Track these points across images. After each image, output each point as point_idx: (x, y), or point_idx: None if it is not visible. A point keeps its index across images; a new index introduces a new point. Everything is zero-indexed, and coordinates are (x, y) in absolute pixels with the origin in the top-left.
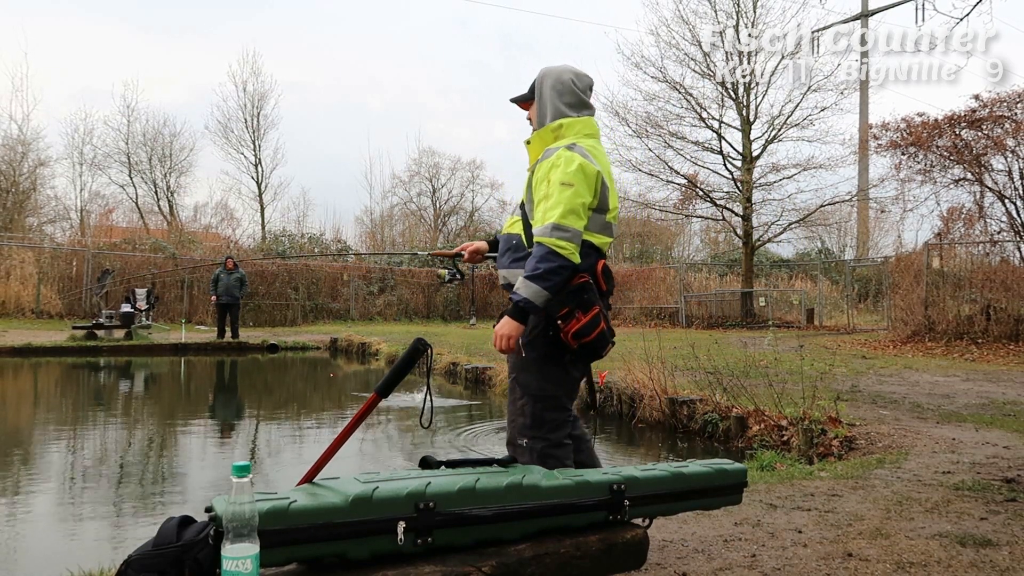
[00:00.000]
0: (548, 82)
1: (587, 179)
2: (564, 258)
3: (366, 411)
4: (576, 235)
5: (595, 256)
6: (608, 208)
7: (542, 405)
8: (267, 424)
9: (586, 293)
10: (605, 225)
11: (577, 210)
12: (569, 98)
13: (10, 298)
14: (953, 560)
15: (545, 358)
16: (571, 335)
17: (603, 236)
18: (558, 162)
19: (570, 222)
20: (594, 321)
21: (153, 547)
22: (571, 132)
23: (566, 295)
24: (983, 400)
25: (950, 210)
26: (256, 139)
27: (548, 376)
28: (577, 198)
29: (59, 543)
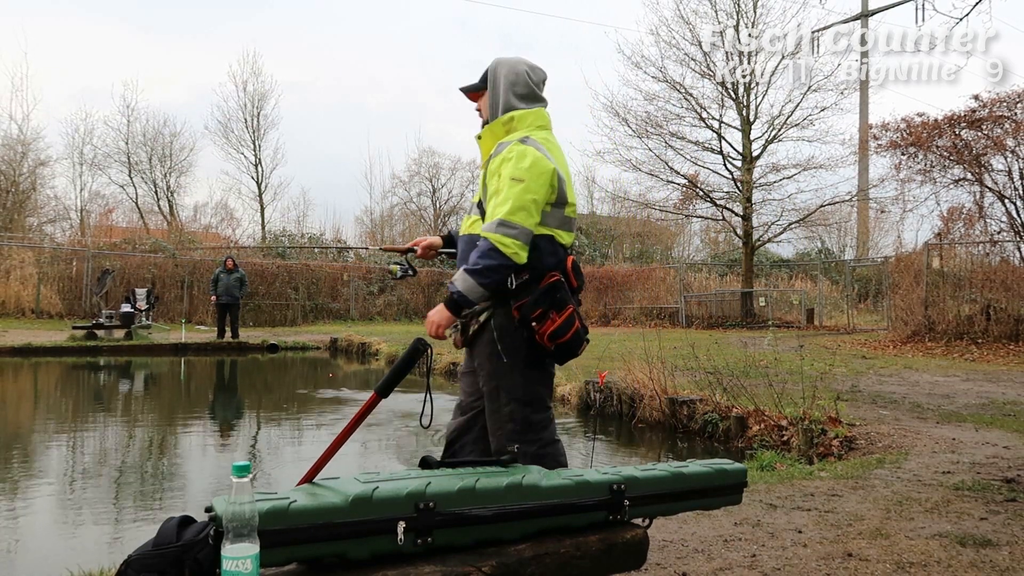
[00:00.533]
0: (502, 72)
1: (540, 174)
2: (506, 257)
3: (366, 411)
4: (523, 233)
5: (563, 252)
6: (567, 202)
7: (530, 409)
8: (267, 424)
9: (559, 292)
10: (565, 220)
11: (527, 206)
12: (522, 89)
13: (10, 298)
14: (953, 560)
15: (525, 361)
16: (547, 337)
17: (564, 232)
18: (510, 156)
19: (519, 219)
20: (569, 321)
21: (153, 547)
22: (523, 125)
23: (539, 297)
24: (983, 400)
25: (950, 210)
26: (256, 139)
27: (530, 378)
28: (527, 194)
29: (59, 543)
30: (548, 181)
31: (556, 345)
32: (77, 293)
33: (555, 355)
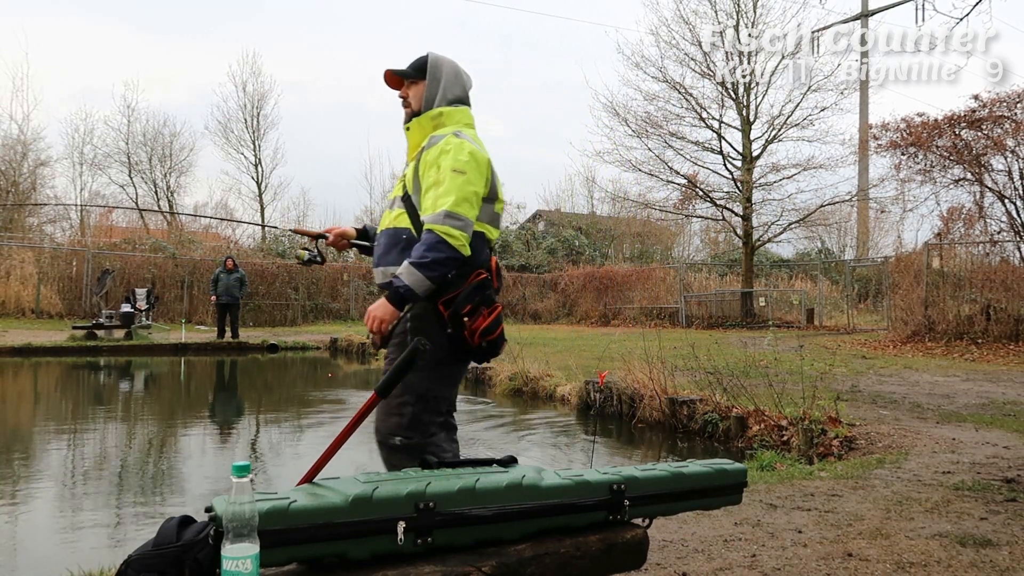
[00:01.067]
0: (444, 68)
1: (479, 167)
2: (454, 249)
3: (366, 411)
4: (468, 225)
5: (488, 250)
6: (497, 198)
7: (423, 406)
8: (267, 424)
9: (488, 289)
10: (494, 216)
11: (470, 199)
12: (459, 91)
13: (10, 298)
14: (953, 560)
15: (435, 358)
16: (479, 333)
17: (493, 228)
18: (447, 148)
19: (463, 210)
20: (498, 319)
21: (153, 547)
22: (452, 121)
23: (471, 292)
24: (983, 400)
25: (950, 210)
26: (256, 139)
27: (437, 376)
28: (469, 186)
29: (59, 543)
30: (485, 174)
31: (487, 343)
32: (77, 293)
33: (480, 352)
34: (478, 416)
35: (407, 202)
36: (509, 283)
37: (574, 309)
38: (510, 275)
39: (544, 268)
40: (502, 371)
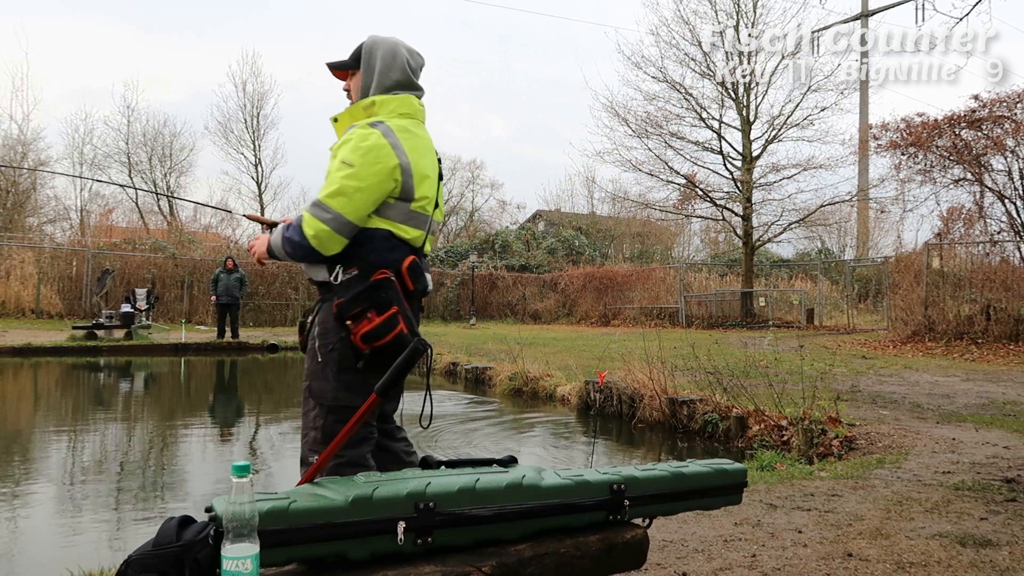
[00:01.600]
0: (379, 54)
1: (374, 162)
2: (305, 239)
3: (366, 412)
4: (337, 220)
5: (404, 251)
6: (414, 197)
7: (334, 417)
8: (267, 424)
9: (384, 291)
10: (411, 215)
11: (348, 193)
12: (398, 75)
13: (10, 298)
14: (953, 560)
15: (339, 364)
16: (360, 337)
17: (412, 228)
18: (350, 138)
19: (335, 204)
20: (389, 323)
21: (153, 547)
22: (384, 111)
23: (359, 294)
24: (983, 400)
25: (950, 210)
26: (256, 139)
27: (344, 384)
28: (353, 180)
29: (59, 543)
30: (383, 171)
31: (372, 348)
32: (77, 293)
33: (371, 361)
34: (478, 416)
35: None
36: (509, 283)
37: (574, 309)
38: (510, 275)
39: (544, 268)
40: (502, 371)
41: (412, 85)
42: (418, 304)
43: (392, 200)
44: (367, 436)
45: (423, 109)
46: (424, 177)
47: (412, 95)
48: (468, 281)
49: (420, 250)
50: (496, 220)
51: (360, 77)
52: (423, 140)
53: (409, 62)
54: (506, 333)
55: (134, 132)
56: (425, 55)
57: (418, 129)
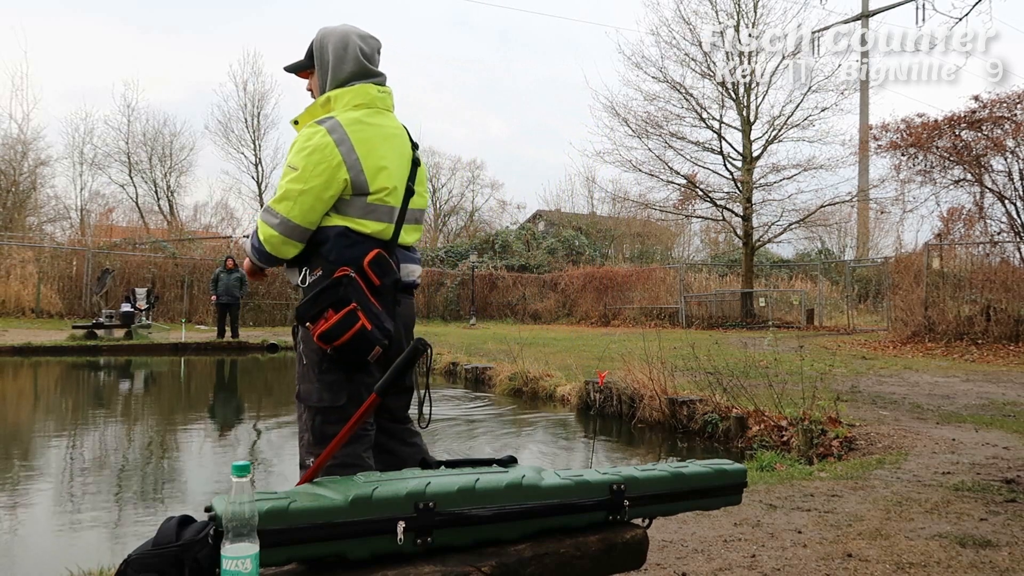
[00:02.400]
0: (330, 47)
1: (317, 163)
2: (260, 243)
3: (366, 412)
4: (284, 224)
5: (366, 246)
6: (369, 190)
7: (322, 418)
8: (267, 424)
9: (341, 288)
10: (370, 208)
11: (292, 196)
12: (351, 66)
13: (10, 297)
14: (953, 561)
15: (319, 366)
16: (318, 337)
17: (372, 222)
18: (296, 141)
19: (281, 208)
20: (346, 320)
21: (153, 547)
22: (339, 104)
23: (317, 294)
24: (983, 401)
25: (950, 211)
26: (256, 139)
27: (328, 386)
28: (296, 184)
29: (59, 543)
30: (326, 170)
31: (333, 348)
32: (77, 292)
33: (339, 360)
34: (478, 416)
35: None
36: (509, 283)
37: (574, 309)
38: (510, 275)
39: (544, 268)
40: (502, 371)
41: (368, 73)
42: (391, 299)
43: (347, 196)
44: (361, 435)
45: (384, 95)
46: (379, 168)
47: (368, 83)
48: (468, 281)
49: (390, 243)
50: (496, 220)
51: (317, 75)
52: (380, 129)
53: (362, 49)
54: (506, 333)
55: (134, 132)
56: (425, 55)
57: (375, 118)
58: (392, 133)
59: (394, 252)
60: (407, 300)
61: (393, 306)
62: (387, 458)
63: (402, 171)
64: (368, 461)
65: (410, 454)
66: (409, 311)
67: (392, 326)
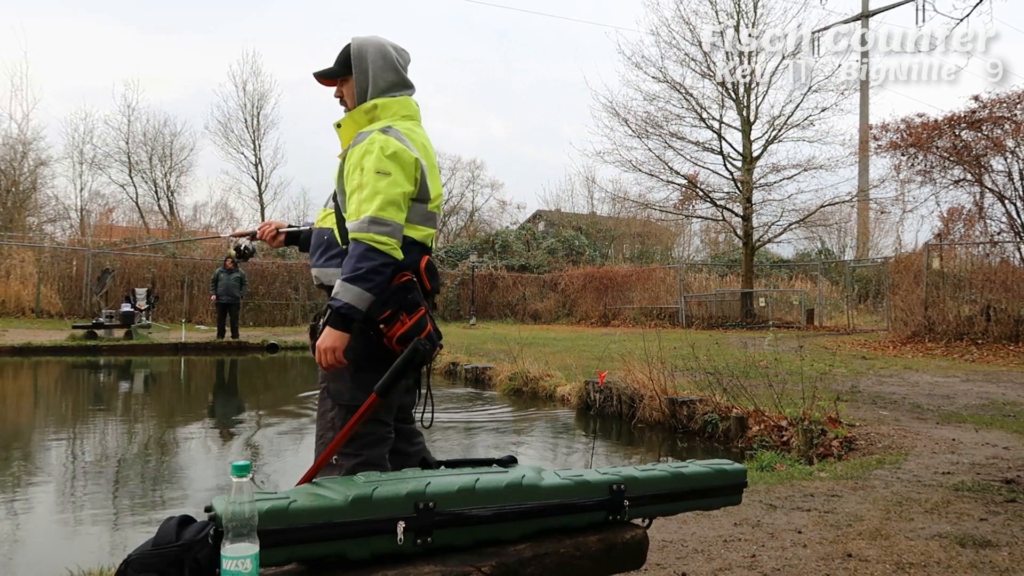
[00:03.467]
0: (369, 56)
1: (405, 166)
2: (385, 255)
3: (366, 411)
4: (397, 229)
5: (418, 251)
6: (429, 197)
7: (347, 413)
8: (267, 424)
9: (410, 293)
10: (428, 216)
11: (397, 201)
12: (392, 76)
13: (10, 297)
14: (953, 561)
15: (357, 364)
16: (396, 340)
17: (426, 228)
18: (372, 148)
19: (389, 215)
20: (420, 323)
21: (153, 547)
22: (387, 114)
23: (388, 296)
24: (983, 401)
25: (950, 211)
26: (256, 139)
27: (363, 384)
28: (395, 188)
29: (59, 543)
30: (412, 174)
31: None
32: (77, 293)
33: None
34: (478, 416)
35: (334, 201)
36: (509, 283)
37: (574, 309)
38: (510, 275)
39: (544, 268)
40: (502, 371)
41: (407, 83)
42: (433, 303)
43: (411, 202)
44: (385, 436)
45: (418, 107)
46: (435, 178)
47: (408, 95)
48: (468, 281)
49: (429, 249)
50: (496, 220)
51: (353, 82)
52: (424, 139)
53: (399, 60)
54: (506, 333)
55: (134, 132)
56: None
57: (419, 129)
58: (428, 143)
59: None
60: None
61: (433, 308)
62: (397, 458)
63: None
64: (388, 464)
65: (415, 453)
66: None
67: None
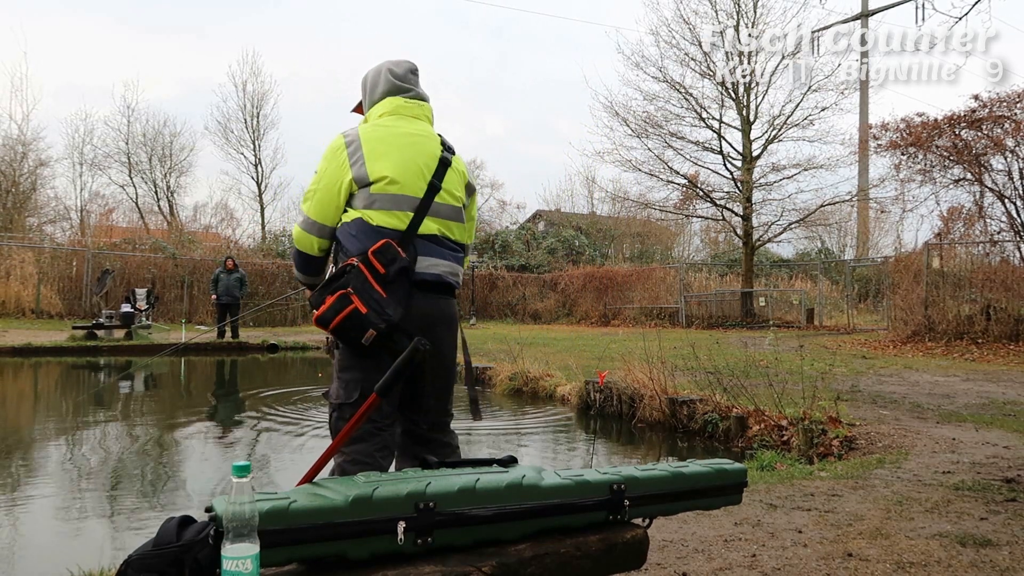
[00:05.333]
0: (368, 82)
1: (329, 161)
2: (295, 246)
3: (366, 411)
4: (307, 222)
5: (374, 237)
6: (369, 180)
7: (337, 414)
8: (267, 424)
9: (341, 277)
10: (374, 199)
11: (310, 196)
12: (383, 87)
13: (10, 298)
14: (953, 560)
15: (344, 364)
16: (315, 321)
17: (378, 212)
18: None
19: (304, 208)
20: (337, 304)
21: (153, 547)
22: (371, 119)
23: (325, 283)
24: (983, 400)
25: (950, 210)
26: (256, 139)
27: (346, 383)
28: (315, 184)
29: (59, 543)
30: (335, 165)
31: (331, 331)
32: (77, 293)
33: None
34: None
35: None
36: (509, 283)
37: (574, 309)
38: (510, 275)
39: (544, 268)
40: (502, 371)
41: (398, 89)
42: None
43: (355, 190)
44: (373, 432)
45: (411, 105)
46: (380, 160)
47: (397, 96)
48: (468, 281)
49: (406, 234)
50: (496, 220)
51: (363, 105)
52: (396, 129)
53: (392, 71)
54: (506, 333)
55: (134, 132)
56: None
57: (396, 122)
58: (410, 132)
59: (411, 244)
60: (430, 297)
61: (405, 296)
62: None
63: (416, 165)
64: (382, 462)
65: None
66: (430, 307)
67: (396, 313)
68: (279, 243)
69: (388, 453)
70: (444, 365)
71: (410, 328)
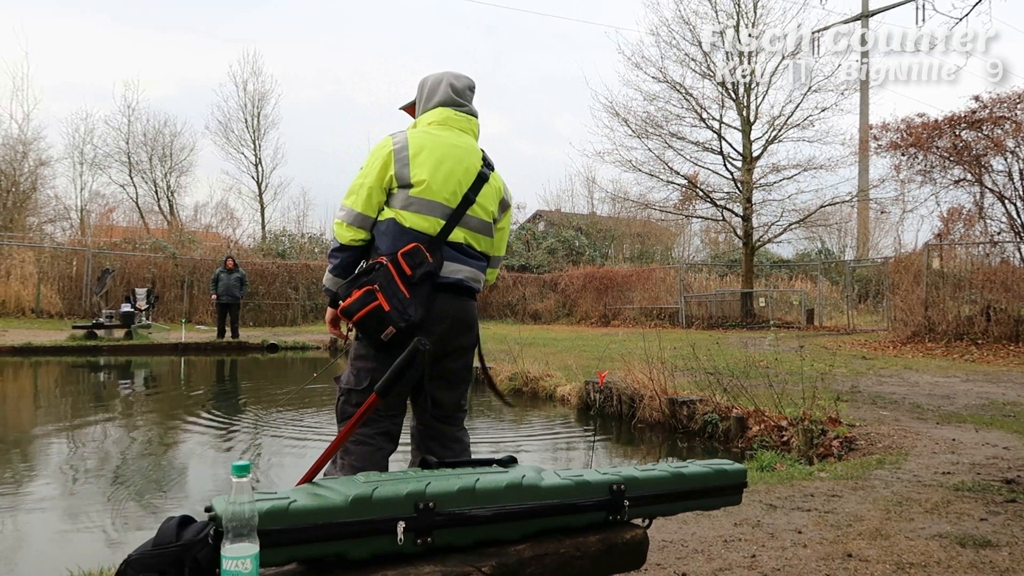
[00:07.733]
0: (427, 86)
1: (375, 159)
2: (336, 239)
3: (366, 411)
4: (349, 214)
5: (404, 239)
6: (411, 183)
7: (344, 399)
8: (267, 424)
9: (369, 274)
10: (410, 201)
11: (356, 190)
12: (439, 97)
13: (10, 298)
14: (953, 561)
15: (355, 352)
16: (341, 312)
17: (412, 214)
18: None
19: (347, 201)
20: (364, 298)
21: (153, 547)
22: (420, 124)
23: (355, 277)
24: (983, 401)
25: (950, 211)
26: (256, 139)
27: (357, 371)
28: (359, 179)
29: (59, 543)
30: (380, 163)
31: (354, 323)
32: (77, 293)
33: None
34: (478, 416)
35: None
36: (509, 283)
37: (574, 309)
38: (510, 275)
39: (544, 268)
40: (502, 371)
41: (452, 101)
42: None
43: (395, 189)
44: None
45: (460, 118)
46: (421, 165)
47: (448, 108)
48: None
49: (436, 239)
50: None
51: (416, 108)
52: (440, 139)
53: (452, 85)
54: (506, 333)
55: (134, 132)
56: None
57: (442, 131)
58: (455, 144)
59: (439, 249)
60: (451, 299)
61: (428, 298)
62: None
63: (455, 176)
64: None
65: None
66: (452, 310)
67: (416, 313)
68: (279, 243)
69: (388, 439)
70: (461, 362)
71: (430, 327)
